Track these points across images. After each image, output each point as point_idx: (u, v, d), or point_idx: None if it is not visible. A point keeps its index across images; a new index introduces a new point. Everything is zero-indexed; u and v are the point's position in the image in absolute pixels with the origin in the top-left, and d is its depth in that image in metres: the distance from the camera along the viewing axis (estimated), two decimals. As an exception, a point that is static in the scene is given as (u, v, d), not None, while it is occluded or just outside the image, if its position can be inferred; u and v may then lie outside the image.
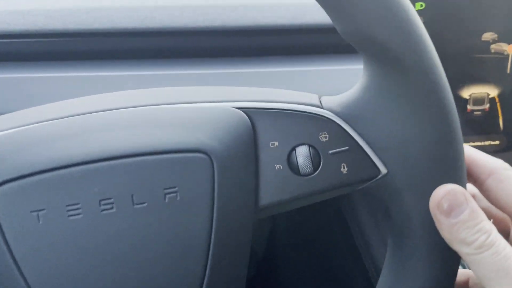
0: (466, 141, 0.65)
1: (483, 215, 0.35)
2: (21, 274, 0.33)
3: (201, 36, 0.58)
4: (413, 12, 0.34)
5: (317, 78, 0.57)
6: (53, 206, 0.33)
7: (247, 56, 0.58)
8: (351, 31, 0.34)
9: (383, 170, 0.37)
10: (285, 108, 0.37)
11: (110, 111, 0.36)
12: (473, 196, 0.44)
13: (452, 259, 0.38)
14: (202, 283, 0.36)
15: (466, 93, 0.63)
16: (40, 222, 0.33)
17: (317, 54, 0.59)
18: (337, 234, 0.84)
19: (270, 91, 0.39)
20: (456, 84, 0.63)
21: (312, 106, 0.38)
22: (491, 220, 0.37)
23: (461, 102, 0.64)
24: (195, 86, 0.39)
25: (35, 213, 0.33)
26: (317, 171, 0.37)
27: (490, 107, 0.64)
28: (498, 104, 0.64)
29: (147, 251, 0.34)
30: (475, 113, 0.64)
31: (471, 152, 0.41)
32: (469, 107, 0.64)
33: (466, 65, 0.62)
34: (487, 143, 0.65)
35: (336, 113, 0.37)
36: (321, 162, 0.37)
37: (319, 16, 0.58)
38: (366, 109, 0.37)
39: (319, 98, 0.39)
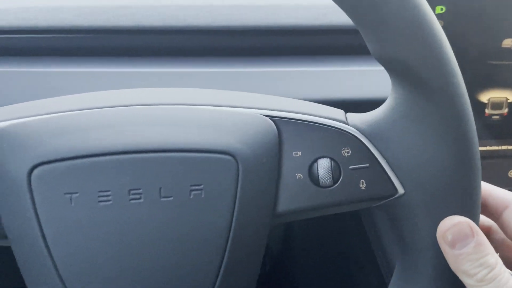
0: (484, 145, 0.66)
1: (489, 249, 0.36)
2: (50, 253, 0.35)
3: (222, 36, 0.58)
4: (443, 38, 0.35)
5: (331, 79, 0.58)
6: (86, 191, 0.35)
7: (263, 55, 0.59)
8: (383, 53, 0.35)
9: (400, 190, 0.39)
10: (312, 120, 0.39)
11: (146, 106, 0.38)
12: (489, 229, 0.45)
13: (458, 283, 0.39)
14: (216, 279, 0.37)
15: (484, 97, 0.64)
16: (72, 205, 0.35)
17: (332, 55, 0.60)
18: (352, 235, 0.85)
19: (299, 102, 0.40)
20: (475, 88, 0.63)
21: (338, 121, 0.39)
22: (498, 253, 0.38)
23: (479, 106, 0.64)
24: (228, 90, 0.41)
25: (68, 196, 0.35)
26: (336, 184, 0.38)
27: (508, 112, 0.64)
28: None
29: (168, 242, 0.36)
30: (493, 117, 0.64)
31: (487, 186, 0.42)
32: (487, 111, 0.64)
33: (485, 70, 0.63)
34: (504, 147, 0.66)
35: (361, 130, 0.39)
36: (341, 176, 0.38)
37: (336, 18, 0.59)
38: (390, 129, 0.38)
39: (345, 114, 0.40)
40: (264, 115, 0.38)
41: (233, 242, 0.37)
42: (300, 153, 0.38)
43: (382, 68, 0.38)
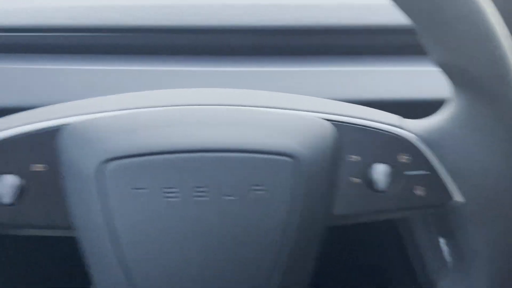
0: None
1: None
2: (116, 246, 0.36)
3: (267, 35, 0.59)
4: (508, 47, 0.35)
5: (382, 79, 0.58)
6: (153, 187, 0.36)
7: (312, 54, 0.59)
8: (447, 63, 0.36)
9: (458, 198, 0.39)
10: (370, 125, 0.39)
11: (210, 106, 0.39)
12: None
13: None
14: (273, 277, 0.38)
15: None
16: (140, 200, 0.36)
17: (381, 55, 0.59)
18: (389, 248, 0.84)
19: (356, 107, 0.41)
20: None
21: (396, 127, 0.39)
22: None
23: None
24: (287, 93, 0.42)
25: (136, 191, 0.36)
26: (392, 190, 0.39)
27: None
28: None
29: (229, 240, 0.37)
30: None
31: None
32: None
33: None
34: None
35: (419, 137, 0.39)
36: (397, 182, 0.39)
37: (385, 17, 0.59)
38: (449, 137, 0.38)
39: (402, 120, 0.40)
40: (324, 118, 0.39)
41: (291, 243, 0.38)
42: (356, 158, 0.39)
43: (432, 68, 0.38)
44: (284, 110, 0.39)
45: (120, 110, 0.38)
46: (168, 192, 0.36)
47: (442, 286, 0.43)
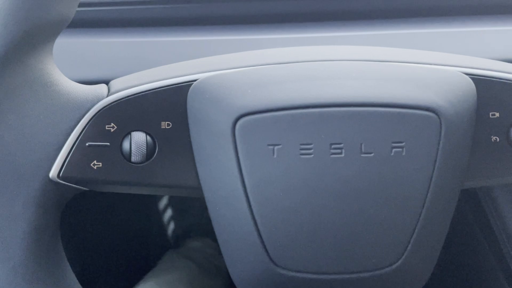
0: None
1: None
2: (249, 203, 0.35)
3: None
4: None
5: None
6: (288, 143, 0.35)
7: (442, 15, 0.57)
8: None
9: None
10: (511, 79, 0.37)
11: (346, 61, 0.37)
12: None
13: None
14: (409, 242, 0.36)
15: None
16: (275, 156, 0.35)
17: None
18: (473, 223, 0.82)
19: (495, 62, 0.39)
20: None
21: None
22: None
23: None
24: (425, 51, 0.40)
25: (271, 147, 0.35)
26: None
27: None
28: None
29: (366, 200, 0.36)
30: None
31: None
32: None
33: None
34: None
35: None
36: None
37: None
38: None
39: None
40: (464, 73, 0.37)
41: (429, 203, 0.36)
42: (497, 114, 0.37)
43: None
44: (425, 65, 0.37)
45: (250, 66, 0.37)
46: (304, 149, 0.35)
47: None
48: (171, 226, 1.04)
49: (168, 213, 1.05)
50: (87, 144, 0.36)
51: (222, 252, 0.38)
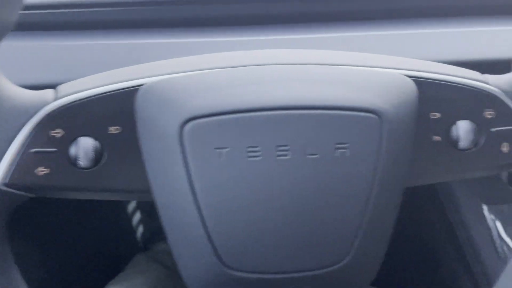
0: None
1: None
2: (197, 206, 0.36)
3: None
4: None
5: (461, 40, 0.56)
6: (236, 146, 0.36)
7: (391, 18, 0.58)
8: None
9: None
10: (452, 81, 0.38)
11: (292, 65, 0.38)
12: None
13: None
14: (354, 240, 0.37)
15: None
16: (222, 159, 0.35)
17: (460, 16, 0.58)
18: (432, 216, 0.84)
19: (436, 64, 0.40)
20: None
21: (479, 81, 0.38)
22: None
23: None
24: (368, 53, 0.41)
25: (219, 150, 0.35)
26: (476, 147, 0.38)
27: None
28: None
29: (312, 200, 0.36)
30: None
31: None
32: None
33: None
34: None
35: (505, 91, 0.38)
36: (482, 139, 0.38)
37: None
38: None
39: (484, 75, 0.39)
40: (405, 75, 0.38)
41: (373, 201, 0.37)
42: (438, 115, 0.38)
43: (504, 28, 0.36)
44: (367, 68, 0.38)
45: (199, 70, 0.37)
46: (251, 151, 0.36)
47: (487, 254, 0.42)
48: (140, 230, 1.04)
49: (137, 216, 1.05)
50: (32, 151, 0.36)
51: (174, 255, 0.39)
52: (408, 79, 0.38)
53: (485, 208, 0.78)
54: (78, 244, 0.91)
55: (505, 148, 0.38)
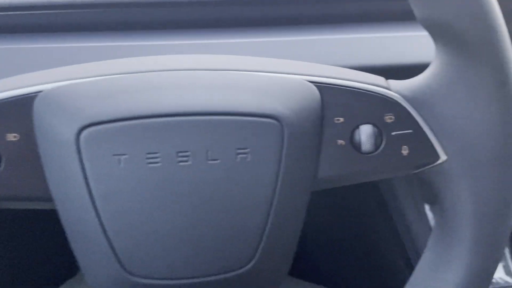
0: None
1: None
2: (97, 214, 0.36)
3: (252, 5, 0.58)
4: (494, 3, 0.35)
5: (368, 46, 0.57)
6: (134, 152, 0.35)
7: (297, 24, 0.58)
8: (430, 18, 0.35)
9: (443, 156, 0.39)
10: (355, 86, 0.39)
11: (193, 71, 0.38)
12: None
13: (496, 253, 0.40)
14: (259, 242, 0.38)
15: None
16: (121, 166, 0.35)
17: (367, 22, 0.59)
18: (375, 213, 0.85)
19: (340, 69, 0.40)
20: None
21: (380, 87, 0.39)
22: None
23: None
24: (269, 58, 0.41)
25: (117, 157, 0.35)
26: (378, 151, 0.39)
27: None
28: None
29: (214, 205, 0.37)
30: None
31: None
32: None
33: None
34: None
35: (404, 97, 0.39)
36: (383, 143, 0.39)
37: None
38: (434, 96, 0.38)
39: (386, 81, 0.40)
40: (308, 81, 0.38)
41: (277, 206, 0.37)
42: (342, 119, 0.38)
43: (417, 33, 0.37)
44: (268, 73, 0.38)
45: (97, 76, 0.37)
46: (150, 158, 0.35)
47: (426, 250, 0.43)
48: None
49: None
50: None
51: (78, 262, 0.38)
52: (311, 84, 0.38)
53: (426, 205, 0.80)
54: (35, 242, 0.90)
55: (405, 151, 0.39)
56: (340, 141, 0.38)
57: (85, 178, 0.35)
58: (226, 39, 0.55)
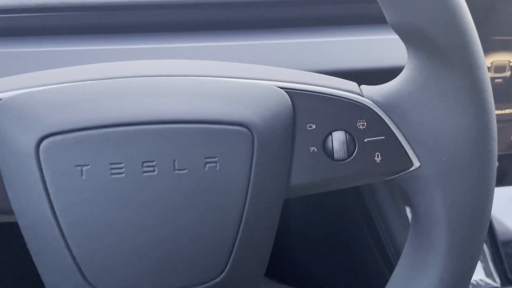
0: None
1: None
2: (59, 226, 0.34)
3: (225, 8, 0.57)
4: (465, 8, 0.34)
5: (341, 49, 0.56)
6: (97, 163, 0.34)
7: (269, 28, 0.57)
8: (401, 22, 0.35)
9: (416, 162, 0.38)
10: (326, 92, 0.38)
11: (158, 77, 0.36)
12: None
13: (471, 259, 0.40)
14: (231, 252, 0.37)
15: (487, 60, 0.63)
16: (83, 177, 0.34)
17: (340, 25, 0.58)
18: (356, 214, 0.85)
19: (312, 75, 0.39)
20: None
21: (353, 93, 0.38)
22: None
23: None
24: (240, 63, 0.40)
25: (79, 168, 0.34)
26: (351, 158, 0.38)
27: (511, 75, 0.64)
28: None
29: (182, 216, 0.35)
30: (496, 80, 0.64)
31: None
32: (490, 74, 0.63)
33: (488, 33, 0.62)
34: (507, 111, 0.65)
35: (376, 103, 0.38)
36: (356, 149, 0.38)
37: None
38: (406, 101, 0.37)
39: (359, 87, 0.39)
40: (278, 87, 0.37)
41: (248, 215, 0.36)
42: (314, 126, 0.38)
43: (392, 37, 0.37)
44: (237, 79, 0.37)
45: (58, 83, 0.35)
46: (114, 168, 0.34)
47: (402, 257, 0.42)
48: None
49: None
50: None
51: (41, 276, 0.37)
52: (281, 90, 0.37)
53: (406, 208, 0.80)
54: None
55: (378, 158, 0.38)
56: (312, 148, 0.38)
57: (46, 190, 0.34)
58: (192, 43, 0.55)
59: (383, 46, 0.56)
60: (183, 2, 0.56)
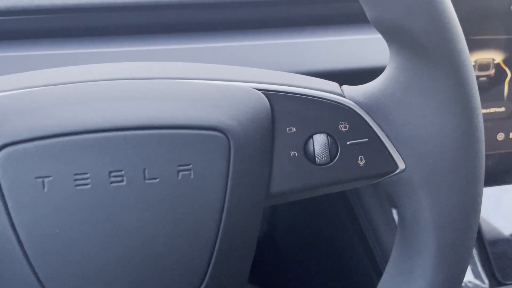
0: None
1: None
2: (20, 242, 0.32)
3: (208, 9, 0.55)
4: (449, 5, 0.33)
5: (322, 50, 0.55)
6: (60, 174, 0.32)
7: (249, 28, 0.56)
8: (382, 19, 0.33)
9: (401, 165, 0.37)
10: (306, 93, 0.36)
11: (126, 80, 0.34)
12: None
13: (462, 261, 0.38)
14: (208, 265, 0.35)
15: (471, 59, 0.62)
16: (45, 190, 0.32)
17: (321, 25, 0.57)
18: (342, 217, 0.84)
19: (292, 75, 0.38)
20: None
21: (334, 94, 0.37)
22: None
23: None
24: (215, 64, 0.38)
25: (40, 180, 0.32)
26: (333, 162, 0.36)
27: (495, 73, 0.63)
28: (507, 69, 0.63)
29: (155, 229, 0.33)
30: (480, 79, 0.63)
31: None
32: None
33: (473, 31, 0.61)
34: (492, 110, 0.64)
35: (358, 103, 0.36)
36: (338, 153, 0.36)
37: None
38: (389, 102, 0.36)
39: (340, 87, 0.38)
40: (255, 88, 0.35)
41: (226, 225, 0.34)
42: (294, 129, 0.36)
43: (374, 36, 0.35)
44: (212, 81, 0.35)
45: (16, 89, 0.33)
46: (79, 179, 0.32)
47: (389, 262, 0.41)
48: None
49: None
50: None
51: None
52: (259, 92, 0.35)
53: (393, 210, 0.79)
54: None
55: (361, 161, 0.37)
56: (293, 153, 0.36)
57: (5, 204, 0.31)
58: (165, 45, 0.53)
59: (364, 46, 0.55)
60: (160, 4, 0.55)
